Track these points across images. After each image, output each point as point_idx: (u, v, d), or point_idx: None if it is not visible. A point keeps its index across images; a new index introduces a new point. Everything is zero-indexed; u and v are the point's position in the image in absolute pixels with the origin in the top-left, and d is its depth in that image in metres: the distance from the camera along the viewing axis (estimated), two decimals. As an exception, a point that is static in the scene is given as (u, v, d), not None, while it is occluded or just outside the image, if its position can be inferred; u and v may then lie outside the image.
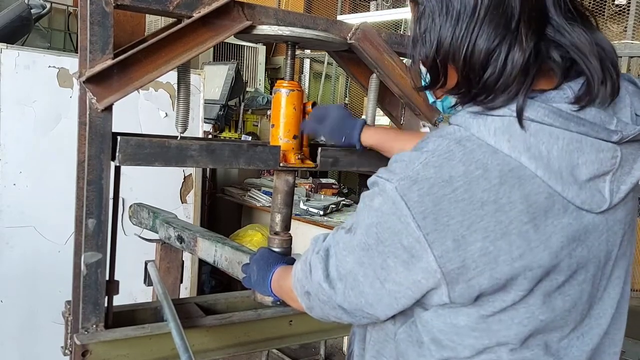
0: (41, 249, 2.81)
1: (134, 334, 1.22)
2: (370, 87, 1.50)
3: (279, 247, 1.39)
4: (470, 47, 0.79)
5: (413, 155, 0.82)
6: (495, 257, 0.77)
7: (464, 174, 0.77)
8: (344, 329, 1.50)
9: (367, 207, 0.84)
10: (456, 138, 0.81)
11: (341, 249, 0.89)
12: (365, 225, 0.84)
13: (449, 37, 0.80)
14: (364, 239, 0.84)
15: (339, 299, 0.89)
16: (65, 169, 1.93)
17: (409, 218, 0.77)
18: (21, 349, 2.81)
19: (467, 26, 0.79)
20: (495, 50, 0.78)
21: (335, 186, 5.03)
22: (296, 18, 1.32)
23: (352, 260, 0.86)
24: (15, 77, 2.66)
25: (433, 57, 0.83)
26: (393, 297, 0.84)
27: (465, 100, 0.84)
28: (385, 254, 0.81)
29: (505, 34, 0.78)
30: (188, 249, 1.77)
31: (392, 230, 0.80)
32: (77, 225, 1.16)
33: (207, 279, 4.17)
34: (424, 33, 0.84)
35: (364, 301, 0.87)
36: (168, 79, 3.04)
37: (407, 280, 0.81)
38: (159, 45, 1.15)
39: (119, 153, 1.13)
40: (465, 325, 0.83)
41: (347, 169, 1.48)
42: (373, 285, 0.84)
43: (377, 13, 6.46)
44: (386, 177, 0.81)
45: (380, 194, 0.81)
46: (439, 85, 0.86)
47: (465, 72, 0.81)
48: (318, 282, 0.91)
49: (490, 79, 0.79)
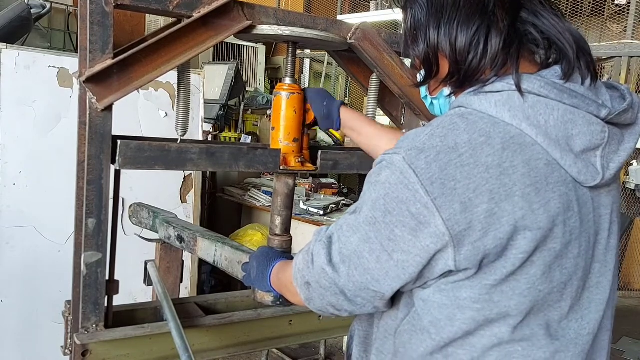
0: (41, 249, 2.81)
1: (134, 333, 1.22)
2: (370, 87, 1.50)
3: (279, 247, 1.39)
4: (454, 36, 0.89)
5: (418, 130, 0.88)
6: (499, 217, 0.80)
7: (468, 141, 0.82)
8: (344, 329, 1.50)
9: (373, 184, 0.87)
10: (458, 113, 0.89)
11: (345, 231, 0.90)
12: (372, 200, 0.86)
13: (435, 31, 0.91)
14: (371, 213, 0.86)
15: (343, 281, 0.90)
16: (65, 169, 1.94)
17: (417, 185, 0.81)
18: (21, 349, 2.81)
19: (450, 17, 0.90)
20: (475, 34, 0.88)
21: (335, 186, 5.03)
22: (296, 18, 1.32)
23: (357, 238, 0.88)
24: (15, 77, 2.66)
25: (425, 51, 0.93)
26: (401, 268, 0.85)
27: (458, 84, 0.93)
28: (393, 224, 0.83)
29: (483, 19, 0.88)
30: (188, 249, 1.77)
31: (400, 199, 0.82)
32: (77, 225, 1.16)
33: (207, 279, 4.17)
34: (415, 31, 0.95)
35: (370, 277, 0.87)
36: (168, 79, 3.04)
37: (415, 248, 0.83)
38: (159, 45, 1.15)
39: (119, 157, 1.13)
40: (467, 297, 0.85)
41: (347, 171, 1.48)
42: (380, 258, 0.86)
43: (377, 13, 6.47)
44: (392, 152, 0.85)
45: (387, 167, 0.85)
46: (433, 75, 0.95)
47: (454, 58, 0.90)
48: (321, 266, 0.92)
49: (475, 60, 0.89)
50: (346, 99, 7.40)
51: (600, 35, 6.22)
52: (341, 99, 7.35)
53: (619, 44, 5.07)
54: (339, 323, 1.47)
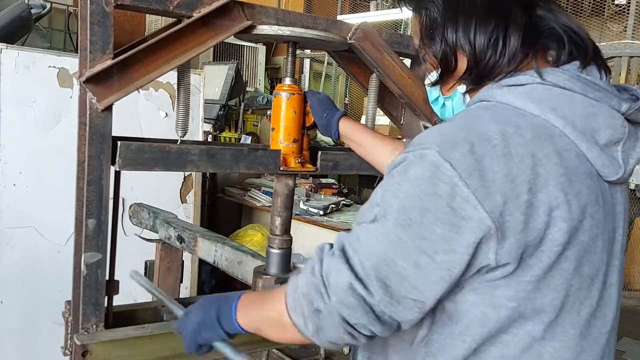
0: (41, 249, 2.81)
1: (134, 334, 1.21)
2: (370, 87, 1.50)
3: (279, 247, 1.39)
4: (472, 34, 0.90)
5: (443, 125, 0.87)
6: (537, 208, 0.79)
7: (499, 132, 0.81)
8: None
9: (398, 183, 0.82)
10: (482, 106, 0.89)
11: (364, 241, 0.84)
12: (400, 201, 0.81)
13: (453, 30, 0.91)
14: (402, 215, 0.80)
15: (376, 296, 0.81)
16: (65, 169, 1.93)
17: (455, 178, 0.77)
18: (21, 349, 2.81)
19: (467, 17, 0.90)
20: (494, 31, 0.89)
21: (335, 186, 5.03)
22: (296, 18, 1.32)
23: (385, 246, 0.81)
24: (15, 77, 2.66)
25: (443, 49, 0.93)
26: (446, 269, 0.80)
27: (475, 81, 0.93)
28: (431, 223, 0.78)
29: (500, 16, 0.89)
30: (188, 249, 1.77)
31: (438, 194, 0.78)
32: (77, 225, 1.16)
33: (207, 279, 4.17)
34: (431, 31, 0.95)
35: (408, 285, 0.81)
36: (168, 79, 3.03)
37: (460, 245, 0.78)
38: (159, 45, 1.14)
39: (119, 158, 1.13)
40: (502, 296, 0.82)
41: (348, 172, 1.48)
42: (419, 263, 0.80)
43: (377, 13, 6.47)
44: (419, 147, 0.82)
45: (416, 162, 0.81)
46: (451, 71, 0.95)
47: (474, 55, 0.90)
48: (346, 283, 0.82)
49: (494, 57, 0.89)
50: (346, 99, 7.40)
51: (600, 35, 6.23)
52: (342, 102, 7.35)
53: (619, 44, 5.07)
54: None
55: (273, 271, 1.40)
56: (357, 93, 7.23)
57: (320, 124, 1.39)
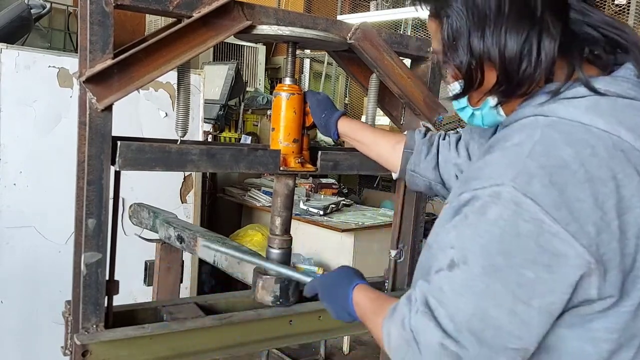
0: (41, 249, 2.80)
1: (134, 334, 1.21)
2: (370, 87, 1.50)
3: (278, 247, 1.39)
4: (503, 44, 0.82)
5: (507, 153, 0.79)
6: (625, 232, 0.74)
7: (575, 155, 0.75)
8: (345, 329, 1.50)
9: (475, 225, 0.76)
10: (543, 124, 0.81)
11: (448, 292, 0.78)
12: (481, 246, 0.75)
13: (480, 40, 0.84)
14: (486, 261, 0.74)
15: (472, 352, 0.76)
16: (65, 169, 1.93)
17: (540, 214, 0.72)
18: (21, 349, 2.81)
19: (495, 25, 0.83)
20: (526, 42, 0.81)
21: (335, 186, 5.03)
22: (296, 18, 1.32)
23: (473, 297, 0.75)
24: (15, 77, 2.66)
25: (468, 61, 0.86)
26: (545, 313, 0.75)
27: (507, 94, 0.86)
28: (521, 267, 0.73)
29: (532, 25, 0.81)
30: (188, 249, 1.77)
31: (523, 234, 0.72)
32: (77, 225, 1.16)
33: (207, 279, 4.17)
34: (454, 41, 0.86)
35: (507, 336, 0.75)
36: (168, 79, 3.03)
37: (558, 285, 0.73)
38: (159, 44, 1.15)
39: (119, 158, 1.13)
40: (601, 328, 0.78)
41: (348, 172, 1.48)
42: (514, 311, 0.74)
43: (377, 13, 6.46)
44: (490, 184, 0.76)
45: (492, 203, 0.75)
46: (476, 86, 0.87)
47: (504, 67, 0.83)
48: (437, 344, 0.77)
49: (528, 69, 0.82)
50: (346, 99, 7.39)
51: (600, 35, 6.20)
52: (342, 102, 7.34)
53: (619, 44, 5.07)
54: (340, 323, 1.46)
55: (273, 271, 1.40)
56: (357, 93, 7.23)
57: (319, 125, 1.39)
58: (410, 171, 1.32)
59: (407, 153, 1.33)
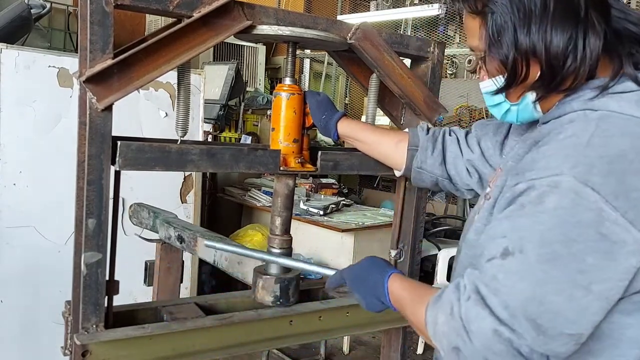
0: (41, 249, 2.81)
1: (134, 334, 1.21)
2: (370, 87, 1.50)
3: (279, 247, 1.39)
4: (549, 40, 0.85)
5: (564, 144, 0.82)
6: None
7: (631, 146, 0.78)
8: (344, 329, 1.50)
9: (533, 215, 0.78)
10: (596, 117, 0.84)
11: (505, 280, 0.79)
12: (540, 233, 0.77)
13: (526, 35, 0.87)
14: (545, 249, 0.77)
15: (526, 337, 0.78)
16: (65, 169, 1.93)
17: (600, 202, 0.75)
18: (21, 349, 2.81)
19: (541, 21, 0.86)
20: (571, 39, 0.85)
21: (335, 186, 5.03)
22: (296, 18, 1.32)
23: (531, 284, 0.77)
24: (15, 77, 2.66)
25: (514, 56, 0.88)
26: (604, 299, 0.77)
27: (549, 89, 0.90)
28: (581, 253, 0.75)
29: (577, 23, 0.85)
30: (188, 249, 1.77)
31: (584, 222, 0.75)
32: (77, 225, 1.16)
33: (207, 279, 4.17)
34: (499, 37, 0.89)
35: (564, 320, 0.77)
36: (168, 79, 3.03)
37: (617, 272, 0.76)
38: (159, 44, 1.14)
39: (119, 158, 1.13)
40: None
41: (348, 172, 1.48)
42: (573, 296, 0.76)
43: (377, 13, 6.46)
44: (548, 174, 0.79)
45: (550, 192, 0.77)
46: (520, 80, 0.90)
47: (549, 62, 0.86)
48: (490, 331, 0.79)
49: (573, 65, 0.85)
50: (346, 99, 7.39)
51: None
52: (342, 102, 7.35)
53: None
54: (340, 323, 1.47)
55: (273, 271, 1.40)
56: (357, 93, 7.23)
57: (319, 126, 1.39)
58: (417, 168, 1.33)
59: (412, 150, 1.34)
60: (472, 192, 1.33)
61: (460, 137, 1.32)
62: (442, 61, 1.55)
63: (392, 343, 1.65)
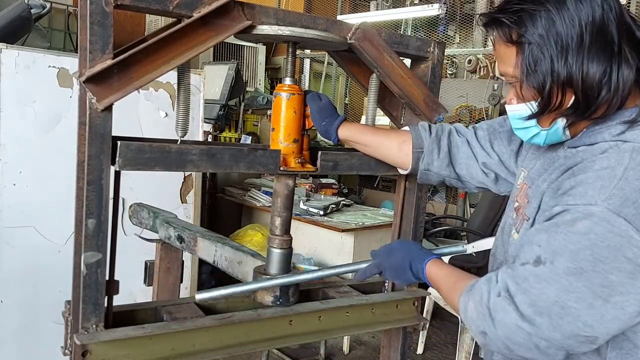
0: (41, 249, 2.81)
1: (134, 334, 1.21)
2: (370, 87, 1.50)
3: (279, 247, 1.39)
4: (585, 71, 0.92)
5: (600, 175, 0.90)
6: None
7: None
8: (344, 329, 1.50)
9: (566, 234, 0.88)
10: (629, 149, 0.91)
11: (533, 283, 0.90)
12: (571, 251, 0.87)
13: (562, 66, 0.93)
14: (573, 264, 0.86)
15: (546, 333, 0.89)
16: (65, 169, 1.94)
17: (630, 231, 0.84)
18: (21, 349, 2.81)
19: (578, 53, 0.92)
20: (606, 71, 0.91)
21: (335, 186, 5.03)
22: (296, 18, 1.32)
23: (556, 289, 0.88)
24: (15, 77, 2.66)
25: (550, 84, 0.94)
26: (620, 308, 0.86)
27: (582, 117, 0.96)
28: (606, 271, 0.85)
29: (611, 56, 0.92)
30: (188, 249, 1.77)
31: (613, 247, 0.84)
32: (77, 225, 1.16)
33: (207, 279, 4.17)
34: (536, 66, 0.95)
35: (581, 324, 0.88)
36: (168, 79, 3.04)
37: (635, 287, 0.85)
38: (159, 45, 1.14)
39: (119, 158, 1.13)
40: None
41: (347, 172, 1.48)
42: (593, 305, 0.86)
43: (377, 13, 6.47)
44: (581, 202, 0.88)
45: (585, 218, 0.86)
46: (554, 107, 0.96)
47: (585, 92, 0.93)
48: (513, 324, 0.91)
49: (607, 95, 0.92)
50: (346, 99, 7.39)
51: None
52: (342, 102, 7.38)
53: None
54: (340, 323, 1.47)
55: (273, 271, 1.40)
56: (357, 93, 7.23)
57: (319, 131, 1.40)
58: (424, 170, 1.36)
59: (418, 153, 1.36)
60: (481, 189, 1.39)
61: (470, 139, 1.36)
62: (442, 61, 1.55)
63: (392, 343, 1.65)
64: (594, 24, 0.91)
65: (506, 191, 1.35)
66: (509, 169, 1.32)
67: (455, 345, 3.37)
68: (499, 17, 0.99)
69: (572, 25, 0.92)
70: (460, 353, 3.24)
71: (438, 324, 4.28)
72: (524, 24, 0.95)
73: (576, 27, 0.91)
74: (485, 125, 1.38)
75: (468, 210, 5.42)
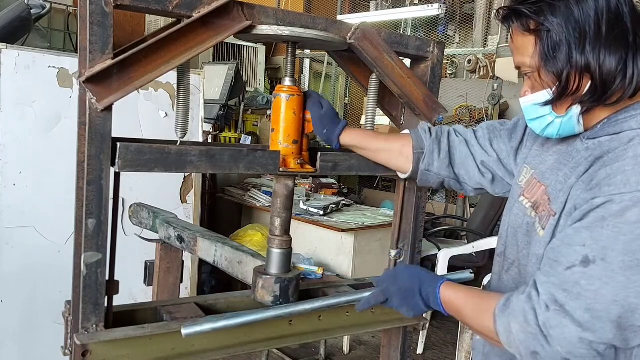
0: (41, 249, 2.81)
1: (134, 334, 1.22)
2: (370, 87, 1.50)
3: (278, 247, 1.39)
4: (602, 59, 0.95)
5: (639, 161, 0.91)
6: None
7: None
8: (344, 329, 1.50)
9: (615, 226, 0.87)
10: None
11: (587, 286, 0.89)
12: (624, 244, 0.86)
13: (581, 54, 0.96)
14: (628, 257, 0.86)
15: (608, 337, 0.88)
16: (65, 169, 1.94)
17: None
18: (21, 349, 2.81)
19: (595, 41, 0.95)
20: (621, 59, 0.95)
21: (335, 186, 5.03)
22: (296, 18, 1.32)
23: (614, 288, 0.87)
24: (15, 77, 2.66)
25: (568, 71, 0.98)
26: None
27: (596, 103, 0.99)
28: None
29: (628, 46, 0.95)
30: (188, 249, 1.78)
31: None
32: (77, 225, 1.16)
33: (207, 279, 4.17)
34: (554, 53, 0.98)
35: (638, 315, 0.87)
36: (168, 79, 3.04)
37: None
38: (159, 45, 1.14)
39: (119, 159, 1.13)
40: None
41: (347, 173, 1.48)
42: None
43: (377, 13, 6.47)
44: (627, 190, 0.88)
45: (635, 206, 0.86)
46: (571, 93, 0.99)
47: (601, 79, 0.96)
48: (575, 337, 0.89)
49: (622, 83, 0.95)
50: (346, 99, 7.40)
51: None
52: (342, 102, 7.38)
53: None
54: (340, 323, 1.47)
55: (273, 271, 1.40)
56: (357, 93, 7.23)
57: (320, 137, 1.41)
58: (424, 170, 1.37)
59: (418, 154, 1.37)
60: (479, 191, 1.39)
61: (469, 139, 1.36)
62: (441, 61, 1.55)
63: (392, 343, 1.65)
64: (610, 14, 0.95)
65: (502, 192, 1.35)
66: (507, 168, 1.32)
67: (455, 345, 3.37)
68: (519, 8, 1.03)
69: (590, 15, 0.95)
70: (460, 353, 3.24)
71: (438, 323, 4.29)
72: (543, 13, 0.99)
73: (593, 17, 0.95)
74: (485, 125, 1.39)
75: (468, 210, 5.42)
